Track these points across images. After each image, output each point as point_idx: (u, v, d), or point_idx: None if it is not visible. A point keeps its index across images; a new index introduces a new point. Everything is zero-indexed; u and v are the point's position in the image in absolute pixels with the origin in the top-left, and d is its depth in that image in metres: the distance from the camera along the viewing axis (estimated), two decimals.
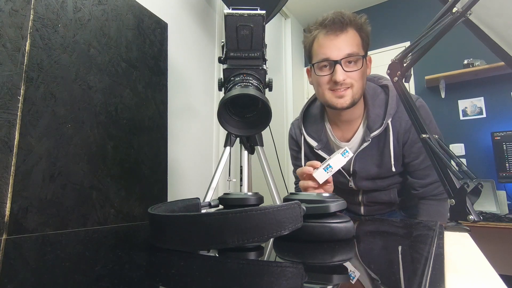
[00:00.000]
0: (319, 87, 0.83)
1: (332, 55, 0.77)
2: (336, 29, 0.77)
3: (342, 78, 0.76)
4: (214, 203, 0.43)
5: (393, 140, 0.82)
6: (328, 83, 0.79)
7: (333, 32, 0.77)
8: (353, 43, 0.77)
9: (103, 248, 0.35)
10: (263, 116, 0.57)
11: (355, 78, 0.78)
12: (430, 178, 0.83)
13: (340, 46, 0.76)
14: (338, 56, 0.76)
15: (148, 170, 0.96)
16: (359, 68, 0.77)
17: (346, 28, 0.77)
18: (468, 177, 0.50)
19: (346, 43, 0.76)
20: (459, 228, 0.48)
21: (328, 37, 0.78)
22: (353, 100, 0.79)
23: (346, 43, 0.76)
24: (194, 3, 1.48)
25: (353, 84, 0.78)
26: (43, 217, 0.64)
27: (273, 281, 0.21)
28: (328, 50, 0.77)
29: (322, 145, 0.90)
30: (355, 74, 0.77)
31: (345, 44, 0.76)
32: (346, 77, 0.76)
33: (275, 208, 0.27)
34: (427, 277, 0.22)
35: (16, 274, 0.24)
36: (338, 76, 0.76)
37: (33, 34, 0.67)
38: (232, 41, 0.61)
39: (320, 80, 0.81)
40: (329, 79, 0.79)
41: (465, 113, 2.33)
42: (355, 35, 0.78)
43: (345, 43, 0.76)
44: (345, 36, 0.77)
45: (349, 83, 0.77)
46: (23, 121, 0.63)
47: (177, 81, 1.31)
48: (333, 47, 0.77)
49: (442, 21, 0.55)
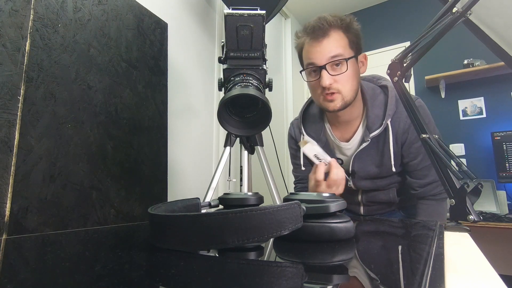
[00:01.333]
0: (311, 91, 0.85)
1: (317, 61, 0.78)
2: (318, 36, 0.77)
3: (328, 83, 0.76)
4: (214, 203, 0.43)
5: (392, 140, 0.82)
6: (318, 88, 0.80)
7: (315, 39, 0.78)
8: (337, 45, 0.77)
9: (103, 248, 0.35)
10: (263, 116, 0.57)
11: (342, 82, 0.78)
12: (429, 178, 0.83)
13: (323, 51, 0.77)
14: (322, 62, 0.77)
15: (148, 170, 0.96)
16: (344, 71, 0.77)
17: (327, 33, 0.77)
18: (468, 177, 0.50)
19: (329, 47, 0.77)
20: (459, 228, 0.48)
21: (311, 44, 0.79)
22: (344, 102, 0.79)
23: (330, 47, 0.77)
24: (194, 3, 1.48)
25: (340, 90, 0.78)
26: (43, 217, 0.64)
27: (273, 281, 0.21)
28: (313, 56, 0.78)
29: (321, 144, 0.90)
30: (342, 77, 0.77)
31: (327, 48, 0.77)
32: (333, 81, 0.77)
33: (275, 208, 0.27)
34: (427, 277, 0.22)
35: (16, 274, 0.24)
36: (324, 81, 0.76)
37: (33, 34, 0.67)
38: (232, 41, 0.61)
39: (310, 85, 0.83)
40: (318, 84, 0.79)
41: (465, 113, 2.33)
42: (340, 37, 0.78)
43: (328, 48, 0.77)
44: (328, 40, 0.77)
45: (336, 88, 0.77)
46: (23, 121, 0.63)
47: (177, 81, 1.31)
48: (317, 53, 0.78)
49: (442, 21, 0.55)
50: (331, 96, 0.78)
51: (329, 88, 0.77)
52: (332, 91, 0.78)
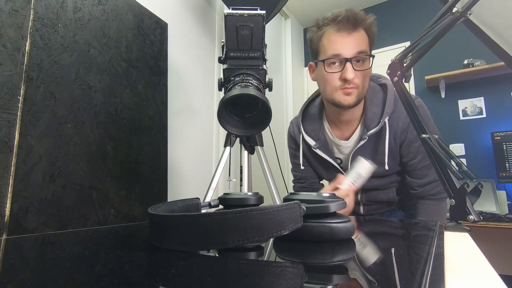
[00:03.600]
0: (326, 83, 0.81)
1: (344, 52, 0.76)
2: (349, 27, 0.76)
3: (352, 76, 0.76)
4: (214, 203, 0.43)
5: (390, 139, 0.82)
6: (337, 81, 0.79)
7: (345, 30, 0.76)
8: (363, 42, 0.77)
9: (103, 248, 0.35)
10: (263, 116, 0.57)
11: (362, 78, 0.78)
12: (428, 177, 0.83)
13: (352, 44, 0.76)
14: (349, 54, 0.76)
15: (148, 170, 0.96)
16: (367, 68, 0.78)
17: (358, 27, 0.77)
18: (468, 177, 0.50)
19: (357, 41, 0.76)
20: (459, 228, 0.48)
21: (340, 34, 0.77)
22: (358, 99, 0.79)
23: (358, 42, 0.76)
24: (194, 3, 1.48)
25: (359, 85, 0.78)
26: (43, 217, 0.64)
27: (273, 281, 0.21)
28: (340, 47, 0.77)
29: (320, 144, 0.90)
30: (364, 73, 0.78)
31: (356, 42, 0.76)
32: (354, 76, 0.76)
33: (275, 208, 0.27)
34: (427, 277, 0.22)
35: (16, 274, 0.24)
36: (349, 74, 0.75)
37: (33, 34, 0.67)
38: (232, 41, 0.61)
39: (328, 77, 0.79)
40: (338, 77, 0.78)
41: (465, 113, 2.33)
42: (364, 34, 0.78)
43: (356, 42, 0.76)
44: (357, 34, 0.77)
45: (357, 83, 0.77)
46: (23, 121, 0.63)
47: (177, 81, 1.31)
48: (345, 44, 0.76)
49: (442, 21, 0.55)
50: (351, 89, 0.78)
51: (350, 82, 0.77)
52: (352, 85, 0.77)
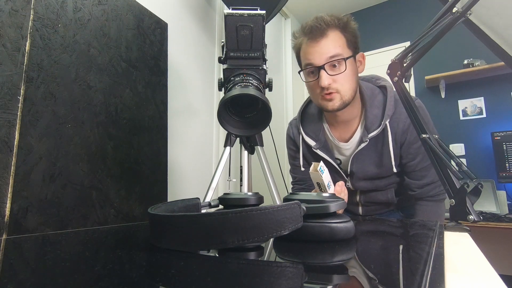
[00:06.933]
0: (310, 91, 0.85)
1: (315, 61, 0.78)
2: (316, 36, 0.77)
3: (327, 83, 0.76)
4: (214, 203, 0.43)
5: (392, 141, 0.82)
6: (317, 88, 0.80)
7: (313, 39, 0.78)
8: (335, 45, 0.77)
9: (103, 248, 0.35)
10: (263, 116, 0.57)
11: (341, 81, 0.78)
12: (427, 179, 0.83)
13: (322, 51, 0.77)
14: (321, 62, 0.77)
15: (148, 170, 0.96)
16: (343, 71, 0.77)
17: (325, 33, 0.77)
18: (468, 177, 0.50)
19: (327, 47, 0.77)
20: (459, 228, 0.48)
21: (309, 44, 0.79)
22: (342, 102, 0.79)
23: (328, 47, 0.77)
24: (194, 3, 1.48)
25: (338, 89, 0.78)
26: (43, 217, 0.64)
27: (273, 281, 0.21)
28: (311, 56, 0.78)
29: (320, 144, 0.90)
30: (341, 76, 0.77)
31: (326, 48, 0.77)
32: (331, 81, 0.77)
33: (275, 208, 0.27)
34: (427, 277, 0.22)
35: (16, 274, 0.24)
36: (323, 81, 0.76)
37: (33, 34, 0.67)
38: (232, 41, 0.61)
39: (309, 85, 0.83)
40: (316, 84, 0.79)
41: (465, 113, 2.33)
42: (337, 36, 0.78)
43: (326, 48, 0.77)
44: (326, 40, 0.77)
45: (335, 88, 0.78)
46: (23, 121, 0.63)
47: (177, 81, 1.31)
48: (315, 53, 0.78)
49: (442, 21, 0.55)
50: (330, 95, 0.78)
51: (328, 88, 0.77)
52: (331, 90, 0.78)
